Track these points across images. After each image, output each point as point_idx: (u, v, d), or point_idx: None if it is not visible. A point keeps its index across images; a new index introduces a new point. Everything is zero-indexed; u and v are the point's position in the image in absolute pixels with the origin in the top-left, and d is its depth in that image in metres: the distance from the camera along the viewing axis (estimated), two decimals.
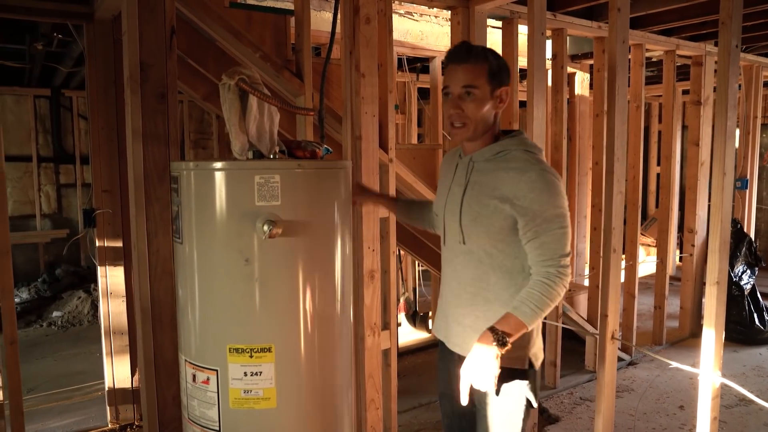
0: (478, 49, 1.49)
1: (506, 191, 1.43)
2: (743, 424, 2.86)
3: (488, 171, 1.49)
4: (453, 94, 1.47)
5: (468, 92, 1.45)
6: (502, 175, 1.45)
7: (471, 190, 1.50)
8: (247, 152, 1.55)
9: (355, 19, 2.21)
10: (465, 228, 1.50)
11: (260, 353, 1.51)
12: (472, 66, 1.45)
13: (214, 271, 1.53)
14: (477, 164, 1.51)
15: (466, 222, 1.50)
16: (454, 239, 1.54)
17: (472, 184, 1.50)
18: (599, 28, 3.22)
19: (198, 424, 1.59)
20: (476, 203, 1.48)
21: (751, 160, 4.71)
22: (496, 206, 1.44)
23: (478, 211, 1.47)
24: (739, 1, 1.70)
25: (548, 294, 1.40)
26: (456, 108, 1.47)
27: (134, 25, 1.88)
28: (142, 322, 2.00)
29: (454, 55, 1.49)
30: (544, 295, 1.39)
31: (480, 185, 1.49)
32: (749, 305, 4.07)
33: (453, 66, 1.48)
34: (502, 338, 1.35)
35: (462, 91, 1.45)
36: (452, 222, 1.54)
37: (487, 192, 1.46)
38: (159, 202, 1.97)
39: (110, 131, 2.85)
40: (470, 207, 1.49)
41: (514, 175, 1.43)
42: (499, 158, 1.49)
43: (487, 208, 1.45)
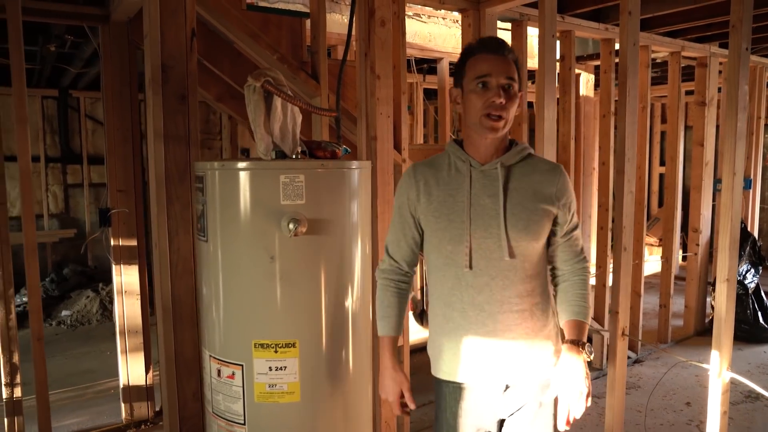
0: (504, 42, 1.39)
1: (548, 193, 1.38)
2: (750, 420, 2.90)
3: (522, 176, 1.39)
4: (494, 84, 1.31)
5: (509, 85, 1.33)
6: (538, 177, 1.39)
7: (512, 198, 1.37)
8: (271, 152, 1.59)
9: (371, 22, 2.25)
10: (514, 241, 1.35)
11: (285, 348, 1.55)
12: (511, 61, 1.35)
13: (239, 269, 1.57)
14: (515, 171, 1.39)
15: (515, 233, 1.35)
16: (493, 257, 1.36)
17: (512, 191, 1.37)
18: (606, 30, 3.26)
19: (223, 418, 1.63)
20: (523, 210, 1.36)
21: (754, 160, 4.75)
22: (542, 211, 1.37)
23: (528, 218, 1.36)
24: (749, 5, 1.74)
25: (588, 287, 1.45)
26: (499, 98, 1.31)
27: (156, 27, 1.92)
28: (163, 320, 2.04)
29: (490, 45, 1.36)
30: (589, 291, 1.44)
31: (518, 192, 1.37)
32: (753, 304, 4.11)
33: (491, 56, 1.34)
34: (588, 349, 1.35)
35: (505, 82, 1.32)
36: (487, 239, 1.36)
37: (529, 197, 1.37)
38: (180, 201, 2.02)
39: (125, 132, 2.89)
40: (517, 216, 1.36)
41: (550, 176, 1.39)
42: (527, 162, 1.41)
43: (536, 214, 1.36)
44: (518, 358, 1.40)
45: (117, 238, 2.91)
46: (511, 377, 1.41)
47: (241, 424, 1.60)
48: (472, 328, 1.39)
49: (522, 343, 1.39)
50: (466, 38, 2.74)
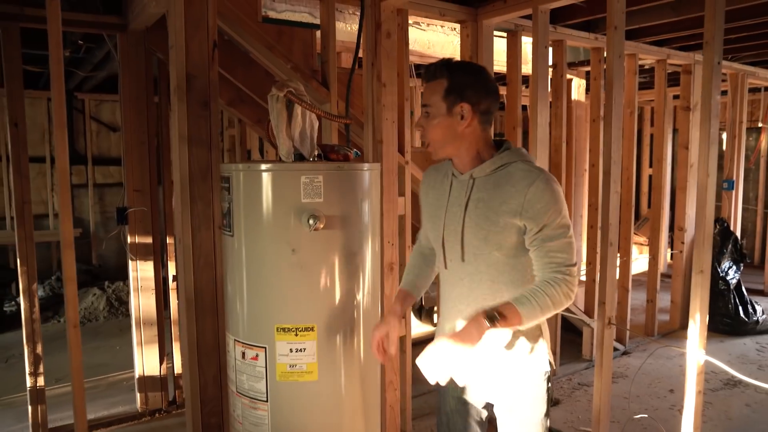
0: (440, 65, 1.46)
1: (515, 205, 1.40)
2: (727, 405, 3.10)
3: (492, 186, 1.45)
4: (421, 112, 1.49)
5: (426, 112, 1.47)
6: (508, 189, 1.42)
7: (475, 208, 1.45)
8: (291, 155, 1.76)
9: (377, 33, 2.43)
10: (470, 248, 1.46)
11: (304, 332, 1.73)
12: (432, 84, 1.46)
13: (263, 260, 1.74)
14: (478, 180, 1.47)
15: (476, 242, 1.45)
16: (458, 261, 1.50)
17: (474, 201, 1.46)
18: (596, 39, 3.45)
19: (246, 396, 1.80)
20: (484, 221, 1.44)
21: (737, 162, 4.97)
22: (506, 222, 1.41)
23: (488, 228, 1.43)
24: (720, 23, 1.93)
25: (551, 296, 1.37)
26: (418, 126, 1.50)
27: (181, 39, 2.08)
28: (186, 310, 2.21)
29: (423, 73, 1.50)
30: (547, 295, 1.37)
31: (485, 203, 1.44)
32: (735, 299, 4.32)
33: (423, 82, 1.50)
34: (493, 315, 1.33)
35: (423, 110, 1.48)
36: (454, 244, 1.49)
37: (494, 208, 1.43)
38: (202, 200, 2.18)
39: (141, 135, 3.04)
40: (478, 226, 1.44)
41: (521, 187, 1.40)
42: (500, 172, 1.45)
43: (497, 225, 1.42)
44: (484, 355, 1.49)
45: (133, 236, 3.07)
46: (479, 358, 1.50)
47: (263, 401, 1.77)
48: (448, 320, 1.59)
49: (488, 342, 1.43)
50: (465, 48, 2.92)
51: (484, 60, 2.90)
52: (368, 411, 1.93)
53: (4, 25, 2.67)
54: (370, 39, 2.43)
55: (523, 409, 1.55)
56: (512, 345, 1.51)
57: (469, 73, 1.48)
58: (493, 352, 1.52)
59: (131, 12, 2.82)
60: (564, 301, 1.40)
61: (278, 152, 1.77)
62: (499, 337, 1.50)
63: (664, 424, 2.82)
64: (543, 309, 1.37)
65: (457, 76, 1.44)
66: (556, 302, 1.38)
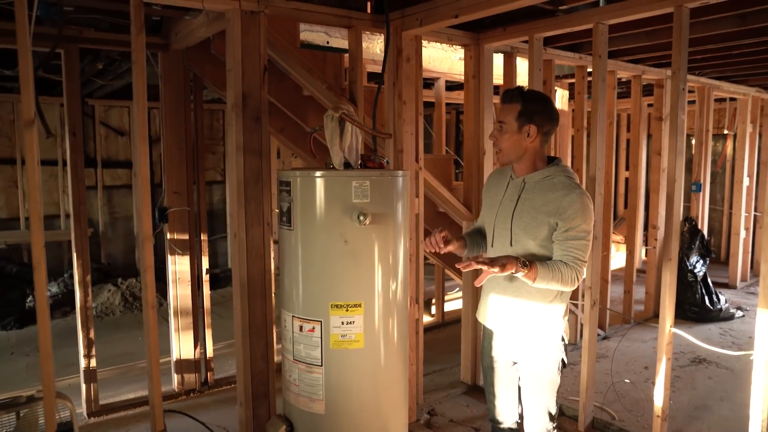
0: (516, 93, 1.90)
1: (552, 208, 1.82)
2: (693, 377, 3.58)
3: (538, 191, 1.88)
4: (495, 126, 1.97)
5: (500, 126, 1.94)
6: (549, 195, 1.84)
7: (522, 205, 1.90)
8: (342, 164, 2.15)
9: (399, 59, 2.84)
10: (516, 235, 1.88)
11: (354, 308, 2.12)
12: (507, 106, 1.91)
13: (319, 250, 2.12)
14: (528, 185, 1.91)
15: (517, 230, 1.88)
16: (503, 242, 1.93)
17: (522, 200, 1.90)
18: (580, 58, 3.90)
19: (303, 362, 2.19)
20: (527, 216, 1.87)
21: (704, 166, 5.49)
22: (543, 219, 1.83)
23: (528, 222, 1.86)
24: (685, 56, 2.37)
25: (563, 272, 1.77)
26: (492, 137, 1.98)
27: (238, 64, 2.47)
28: (240, 295, 2.59)
29: (501, 95, 1.97)
30: (560, 271, 1.77)
31: (530, 202, 1.87)
32: (701, 289, 4.82)
33: (500, 103, 1.97)
34: (523, 261, 1.74)
35: (497, 123, 1.97)
36: (503, 230, 1.94)
37: (536, 207, 1.85)
38: (254, 200, 2.57)
39: (179, 142, 3.39)
40: (521, 218, 1.88)
41: (560, 196, 1.82)
42: (546, 181, 1.88)
43: (536, 220, 1.84)
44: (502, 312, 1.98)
45: (172, 233, 3.42)
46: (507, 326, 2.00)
47: (318, 366, 2.15)
48: (489, 287, 2.04)
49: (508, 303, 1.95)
50: (468, 67, 3.33)
51: (485, 76, 3.31)
52: (400, 377, 2.32)
53: (66, 47, 3.00)
54: (392, 63, 2.83)
55: (540, 367, 1.99)
56: (536, 319, 1.94)
57: (538, 102, 1.91)
58: (520, 322, 1.96)
59: (173, 34, 3.18)
60: (570, 283, 1.81)
61: (331, 161, 2.16)
62: (527, 311, 1.93)
63: (640, 392, 3.28)
64: (554, 278, 1.79)
65: (530, 103, 1.88)
66: (564, 279, 1.80)
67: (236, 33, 2.44)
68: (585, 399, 2.94)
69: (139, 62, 2.25)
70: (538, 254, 1.88)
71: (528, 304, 1.94)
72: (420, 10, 2.69)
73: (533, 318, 1.95)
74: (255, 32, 2.48)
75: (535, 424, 2.06)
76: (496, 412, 2.16)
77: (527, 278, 1.79)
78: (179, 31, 3.09)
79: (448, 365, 3.88)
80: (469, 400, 3.40)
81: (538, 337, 1.97)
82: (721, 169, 7.34)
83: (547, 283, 1.80)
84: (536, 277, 1.78)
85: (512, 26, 3.07)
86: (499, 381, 2.11)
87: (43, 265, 2.08)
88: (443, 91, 4.58)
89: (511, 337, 2.02)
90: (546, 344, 1.98)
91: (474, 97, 3.33)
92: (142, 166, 2.30)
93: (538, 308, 1.94)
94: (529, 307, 1.94)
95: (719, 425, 2.99)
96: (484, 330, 2.16)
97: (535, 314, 1.95)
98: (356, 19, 2.79)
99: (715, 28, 3.12)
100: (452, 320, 4.86)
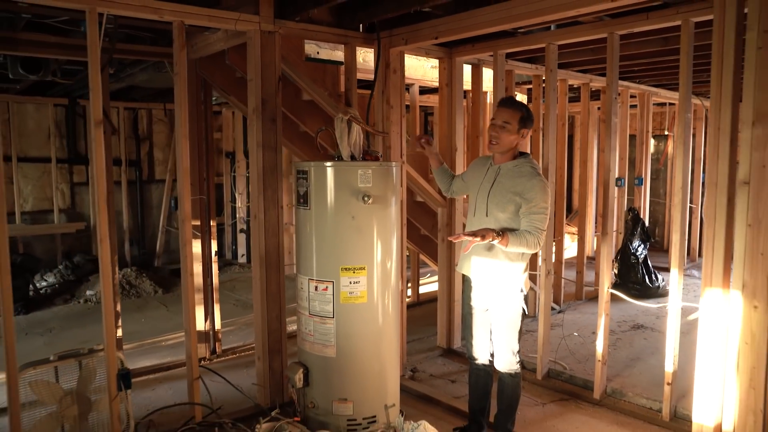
0: (518, 103, 2.58)
1: (518, 189, 2.44)
2: (631, 339, 4.26)
3: (509, 176, 2.50)
4: (496, 124, 2.53)
5: (504, 126, 2.53)
6: (517, 180, 2.46)
7: (496, 186, 2.53)
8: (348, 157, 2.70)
9: (387, 71, 3.40)
10: (490, 208, 2.53)
11: (359, 270, 2.67)
12: (511, 110, 2.52)
13: (332, 224, 2.66)
14: (502, 171, 2.54)
15: (491, 205, 2.52)
16: (482, 213, 2.57)
17: (497, 183, 2.53)
18: (537, 69, 4.54)
19: (318, 315, 2.72)
20: (499, 194, 2.50)
21: (644, 163, 6.24)
22: (510, 197, 2.45)
23: (500, 199, 2.49)
24: (616, 74, 3.01)
25: (527, 239, 2.38)
26: (494, 132, 2.53)
27: (258, 75, 2.99)
28: (258, 266, 3.11)
29: (502, 102, 2.60)
30: (525, 238, 2.39)
31: (502, 184, 2.51)
32: (642, 270, 5.55)
33: (501, 108, 2.55)
34: (497, 233, 2.36)
35: (501, 123, 2.53)
36: (482, 203, 2.57)
37: (507, 188, 2.48)
38: (271, 188, 3.09)
39: (193, 140, 3.87)
40: (495, 196, 2.51)
41: (524, 180, 2.45)
42: (516, 169, 2.50)
43: (505, 197, 2.47)
44: (479, 267, 2.60)
45: None
46: (483, 278, 2.61)
47: (330, 318, 2.70)
48: (471, 251, 2.61)
49: (484, 259, 2.58)
50: (442, 76, 3.92)
51: (456, 84, 3.90)
52: (394, 328, 2.88)
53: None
54: (381, 74, 3.40)
55: (506, 312, 2.60)
56: (504, 273, 2.54)
57: (530, 112, 2.57)
58: (492, 278, 2.56)
59: (190, 45, 3.65)
60: (533, 246, 2.42)
61: (338, 153, 2.70)
62: (498, 267, 2.54)
63: (587, 351, 3.93)
64: (521, 243, 2.41)
65: (527, 112, 2.55)
66: (529, 244, 2.41)
67: (256, 49, 2.96)
68: (542, 353, 3.55)
69: (181, 74, 2.76)
70: (504, 223, 2.49)
71: (499, 263, 2.55)
72: (406, 31, 3.26)
73: (503, 272, 2.56)
74: (271, 49, 3.01)
75: (503, 359, 2.65)
76: (473, 350, 2.74)
77: (501, 244, 2.40)
78: (196, 43, 3.58)
79: (425, 335, 4.46)
80: (445, 360, 3.99)
81: (506, 286, 2.56)
82: (663, 166, 8.16)
83: (517, 247, 2.42)
84: (508, 243, 2.39)
85: (480, 43, 3.67)
86: (475, 324, 2.69)
87: (107, 241, 2.57)
88: (417, 96, 5.17)
89: (486, 288, 2.61)
90: (511, 293, 2.57)
91: (447, 102, 3.91)
92: (183, 160, 2.79)
93: (506, 265, 2.54)
94: (499, 265, 2.55)
95: (647, 370, 3.66)
96: (464, 284, 2.76)
97: (504, 269, 2.55)
98: (351, 37, 3.34)
99: (645, 47, 3.80)
100: (427, 300, 5.44)
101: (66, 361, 2.74)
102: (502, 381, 2.67)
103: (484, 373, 2.77)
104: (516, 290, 2.57)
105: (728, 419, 2.18)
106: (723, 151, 2.19)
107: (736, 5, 2.14)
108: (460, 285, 2.98)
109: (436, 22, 3.07)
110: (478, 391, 2.79)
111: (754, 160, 2.08)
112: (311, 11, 2.96)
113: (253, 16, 2.93)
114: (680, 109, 2.69)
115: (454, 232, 3.97)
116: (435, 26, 3.10)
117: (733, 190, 2.16)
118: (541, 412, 3.18)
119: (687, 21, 2.69)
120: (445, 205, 4.01)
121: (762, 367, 2.06)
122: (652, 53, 4.06)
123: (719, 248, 2.19)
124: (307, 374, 2.80)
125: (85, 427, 2.79)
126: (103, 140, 2.53)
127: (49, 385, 2.68)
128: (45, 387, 2.65)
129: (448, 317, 4.11)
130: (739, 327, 2.10)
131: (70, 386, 2.73)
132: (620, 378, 3.53)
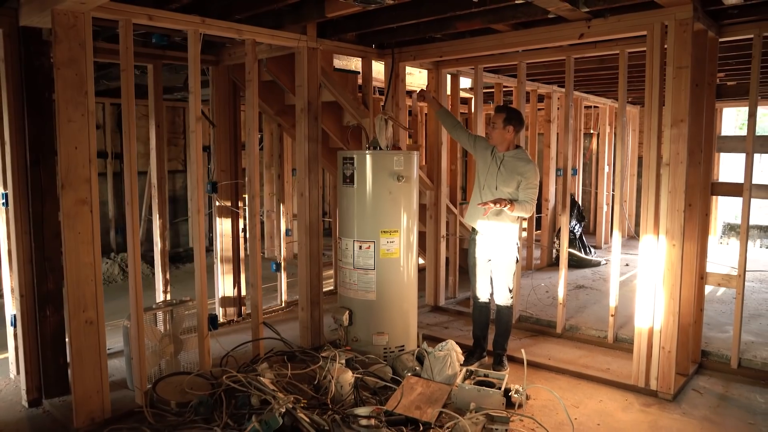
0: (504, 107, 3.52)
1: (519, 171, 3.37)
2: (577, 295, 5.39)
3: (511, 162, 3.41)
4: (490, 124, 3.50)
5: (493, 125, 3.49)
6: (517, 164, 3.39)
7: (502, 168, 3.43)
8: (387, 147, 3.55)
9: (396, 80, 4.28)
10: (498, 184, 3.41)
11: (394, 232, 3.54)
12: (499, 114, 3.45)
13: (373, 198, 3.51)
14: (506, 158, 3.43)
15: (499, 183, 3.42)
16: (491, 189, 3.45)
17: (503, 166, 3.43)
18: (498, 77, 5.56)
19: (362, 268, 3.56)
20: (505, 174, 3.40)
21: (578, 156, 7.46)
22: (513, 177, 3.37)
23: (506, 178, 3.40)
24: (572, 84, 4.05)
25: (525, 206, 3.32)
26: (488, 130, 3.54)
27: (304, 82, 3.77)
28: (304, 233, 3.91)
29: (495, 108, 3.57)
30: (524, 206, 3.32)
31: (506, 167, 3.41)
32: (579, 244, 6.74)
33: (494, 113, 3.52)
34: (509, 201, 3.27)
35: (492, 123, 3.49)
36: (492, 180, 3.45)
37: (510, 170, 3.39)
38: (313, 172, 3.89)
39: (225, 133, 4.56)
40: (501, 175, 3.41)
41: (522, 164, 3.38)
42: (515, 156, 3.43)
43: (510, 177, 3.39)
44: (493, 227, 3.52)
45: (220, 201, 4.57)
46: (489, 233, 3.54)
47: (372, 270, 3.54)
48: (477, 213, 3.53)
49: (496, 223, 3.50)
50: (431, 84, 4.83)
51: (442, 90, 4.82)
52: (414, 278, 3.76)
53: (154, 62, 4.08)
54: (393, 83, 4.27)
55: (505, 260, 3.55)
56: (505, 233, 3.49)
57: (514, 113, 3.47)
58: (499, 234, 3.50)
59: (227, 54, 4.35)
60: (528, 212, 3.40)
61: (376, 142, 3.55)
62: (504, 226, 3.48)
63: (544, 304, 4.99)
64: (521, 210, 3.37)
65: (511, 113, 3.47)
66: (526, 210, 3.39)
67: (304, 62, 3.74)
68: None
69: (253, 81, 3.50)
70: (507, 195, 3.43)
71: (504, 224, 3.51)
72: (414, 50, 4.16)
73: (507, 229, 3.52)
74: (314, 61, 3.80)
75: (501, 295, 3.61)
76: (477, 291, 3.68)
77: (510, 210, 3.33)
78: (234, 53, 4.28)
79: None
80: (434, 314, 4.91)
81: (506, 241, 3.52)
82: (590, 160, 9.51)
83: (519, 212, 3.38)
84: (514, 209, 3.34)
85: (464, 59, 4.61)
86: (479, 271, 3.63)
87: (198, 219, 3.27)
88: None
89: (492, 242, 3.55)
90: (509, 246, 3.54)
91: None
92: (251, 148, 3.54)
93: (509, 225, 3.52)
94: (505, 225, 3.51)
95: (593, 313, 4.76)
96: (470, 245, 3.67)
97: (508, 228, 3.52)
98: (369, 53, 4.18)
99: (586, 64, 4.89)
100: None
101: (163, 309, 3.42)
102: (500, 311, 3.64)
103: (485, 309, 3.72)
104: (514, 243, 3.54)
105: (657, 321, 3.22)
106: (653, 143, 3.23)
107: (660, 47, 3.17)
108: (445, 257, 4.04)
109: (441, 44, 3.99)
110: (480, 322, 3.73)
111: (672, 150, 3.12)
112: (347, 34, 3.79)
113: (302, 35, 3.71)
114: (619, 113, 3.75)
115: (440, 211, 4.90)
116: (440, 47, 4.01)
117: (659, 169, 3.20)
118: (519, 343, 4.16)
119: (623, 51, 3.75)
120: (433, 189, 4.92)
121: (677, 284, 3.12)
122: (589, 69, 5.18)
123: (651, 208, 3.22)
124: (351, 315, 3.63)
125: (177, 362, 3.48)
126: (200, 132, 3.23)
127: (152, 327, 3.35)
128: (150, 329, 3.33)
129: (435, 281, 5.03)
130: (664, 258, 3.15)
131: (165, 329, 3.41)
132: (574, 319, 4.60)
